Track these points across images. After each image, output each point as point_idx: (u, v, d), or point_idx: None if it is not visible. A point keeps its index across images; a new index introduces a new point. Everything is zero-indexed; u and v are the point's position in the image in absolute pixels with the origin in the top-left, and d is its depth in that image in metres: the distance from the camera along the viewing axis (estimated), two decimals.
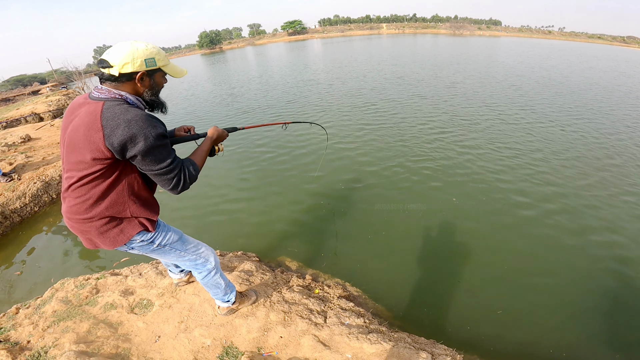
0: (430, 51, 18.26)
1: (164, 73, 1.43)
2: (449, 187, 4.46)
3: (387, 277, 3.00)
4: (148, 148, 1.26)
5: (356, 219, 3.89)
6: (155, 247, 1.60)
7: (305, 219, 3.98)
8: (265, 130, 7.12)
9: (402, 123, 7.35)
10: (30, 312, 2.44)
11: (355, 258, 3.26)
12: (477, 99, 9.33)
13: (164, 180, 1.37)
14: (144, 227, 1.50)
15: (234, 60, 30.79)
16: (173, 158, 1.37)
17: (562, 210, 3.92)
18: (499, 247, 3.34)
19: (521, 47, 29.00)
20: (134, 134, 1.22)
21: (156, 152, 1.30)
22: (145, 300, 2.34)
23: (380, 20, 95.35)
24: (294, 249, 3.42)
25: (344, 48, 31.55)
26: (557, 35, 78.78)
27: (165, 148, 1.34)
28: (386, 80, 11.97)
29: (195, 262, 1.78)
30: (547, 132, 6.54)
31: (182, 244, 1.72)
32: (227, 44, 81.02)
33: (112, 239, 1.43)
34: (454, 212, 3.91)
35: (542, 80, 11.86)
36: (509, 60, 18.34)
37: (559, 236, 3.46)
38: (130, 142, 1.24)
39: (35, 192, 4.87)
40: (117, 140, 1.22)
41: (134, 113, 1.25)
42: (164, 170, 1.34)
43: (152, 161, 1.31)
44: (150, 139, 1.25)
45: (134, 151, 1.25)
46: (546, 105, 8.54)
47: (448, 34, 64.63)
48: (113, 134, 1.21)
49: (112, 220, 1.41)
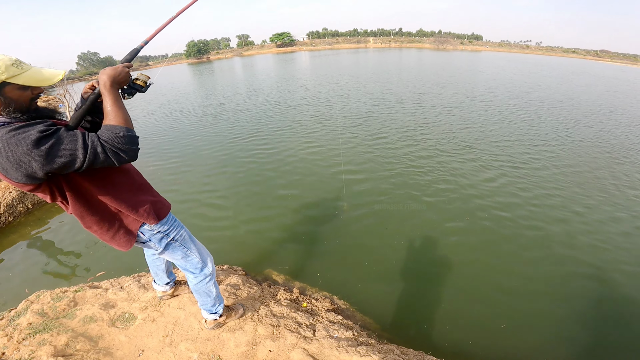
0: (415, 74, 18.66)
1: (17, 86, 1.12)
2: (432, 204, 4.48)
3: (374, 290, 3.00)
4: (41, 162, 1.07)
5: (341, 233, 3.87)
6: (170, 240, 1.61)
7: (291, 234, 3.94)
8: (252, 144, 7.04)
9: (394, 146, 7.45)
10: (4, 324, 2.31)
11: (341, 271, 3.25)
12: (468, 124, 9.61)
13: (102, 163, 1.17)
14: (144, 218, 1.47)
15: (221, 71, 30.66)
16: (80, 142, 1.12)
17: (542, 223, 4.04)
18: (486, 260, 3.40)
19: (503, 63, 30.06)
20: (13, 162, 1.06)
21: (56, 156, 1.08)
22: (128, 314, 2.25)
23: (367, 34, 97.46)
24: (280, 263, 3.39)
25: (332, 62, 31.85)
26: (534, 49, 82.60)
27: (58, 145, 1.09)
28: (371, 104, 11.94)
29: (197, 264, 1.76)
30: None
31: (191, 242, 1.73)
32: (214, 54, 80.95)
33: (122, 241, 1.45)
34: (439, 228, 3.95)
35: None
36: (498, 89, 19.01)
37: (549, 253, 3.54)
38: (24, 169, 1.07)
39: (10, 202, 4.67)
40: (13, 173, 1.09)
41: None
42: (88, 159, 1.13)
43: (65, 164, 1.11)
44: (33, 152, 1.05)
45: (37, 172, 1.09)
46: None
47: (432, 49, 66.78)
48: (5, 170, 1.09)
49: (111, 224, 1.42)
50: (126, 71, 1.31)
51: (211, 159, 6.43)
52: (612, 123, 8.79)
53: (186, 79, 25.03)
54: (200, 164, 6.20)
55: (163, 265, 2.15)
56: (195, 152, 6.90)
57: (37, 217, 4.74)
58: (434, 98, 11.26)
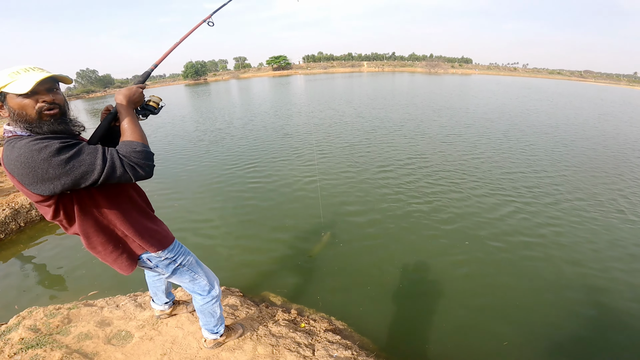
0: (410, 99, 18.96)
1: (14, 95, 1.12)
2: (431, 230, 4.49)
3: (373, 311, 3.01)
4: (62, 170, 1.10)
5: (339, 258, 3.87)
6: (177, 266, 1.62)
7: (287, 259, 3.93)
8: (248, 173, 6.81)
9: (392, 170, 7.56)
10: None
11: (340, 294, 3.25)
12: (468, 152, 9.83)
13: (118, 178, 1.19)
14: (150, 246, 1.48)
15: (218, 94, 30.89)
16: (100, 155, 1.16)
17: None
18: (487, 281, 3.43)
19: (494, 87, 30.52)
20: (32, 168, 1.08)
21: (74, 166, 1.12)
22: (124, 332, 2.23)
23: (361, 58, 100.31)
24: (278, 286, 3.38)
25: (327, 86, 32.17)
26: (521, 72, 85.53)
27: (77, 156, 1.12)
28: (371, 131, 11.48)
29: (204, 286, 1.78)
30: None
31: (198, 266, 1.75)
32: (212, 76, 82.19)
33: (125, 265, 1.45)
34: (436, 249, 3.98)
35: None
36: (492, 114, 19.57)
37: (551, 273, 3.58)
38: (39, 178, 1.10)
39: (2, 219, 4.61)
40: (28, 181, 1.11)
41: (18, 147, 1.11)
42: (105, 172, 1.15)
43: (82, 175, 1.13)
44: (54, 162, 1.08)
45: (55, 182, 1.11)
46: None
47: (424, 72, 68.36)
48: (22, 177, 1.11)
49: (116, 247, 1.41)
50: (140, 92, 1.40)
51: (205, 187, 6.25)
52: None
53: (182, 101, 25.17)
54: (195, 192, 6.04)
55: (163, 287, 2.16)
56: (189, 180, 6.70)
57: (29, 236, 4.68)
58: (430, 125, 11.34)
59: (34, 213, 5.00)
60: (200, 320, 1.96)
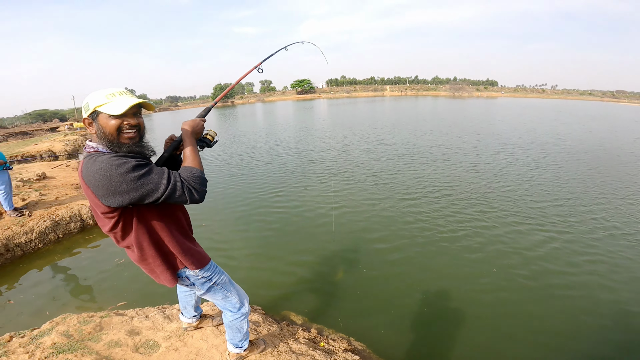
0: (435, 124, 18.49)
1: (106, 115, 1.29)
2: (459, 258, 4.36)
3: (392, 334, 2.98)
4: (132, 186, 1.24)
5: (361, 279, 3.87)
6: (212, 284, 1.71)
7: (308, 279, 3.97)
8: (273, 199, 6.79)
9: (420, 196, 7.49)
10: (26, 342, 2.39)
11: (359, 316, 3.24)
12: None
13: (176, 198, 1.32)
14: (202, 261, 1.61)
15: (244, 117, 31.92)
16: (166, 177, 1.30)
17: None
18: (515, 309, 3.32)
19: (521, 110, 29.54)
20: (107, 181, 1.22)
21: (143, 184, 1.26)
22: (152, 341, 2.31)
23: (384, 82, 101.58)
24: (299, 306, 3.41)
25: (350, 111, 32.15)
26: (550, 93, 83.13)
27: (148, 174, 1.27)
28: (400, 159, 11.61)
29: (235, 304, 1.85)
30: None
31: (230, 285, 1.83)
32: (239, 98, 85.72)
33: (169, 279, 1.55)
34: (461, 276, 3.89)
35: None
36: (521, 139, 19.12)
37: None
38: (113, 191, 1.23)
39: (43, 230, 4.95)
40: (102, 192, 1.24)
41: (99, 163, 1.24)
42: (168, 193, 1.29)
43: (149, 192, 1.27)
44: (128, 176, 1.23)
45: (125, 196, 1.25)
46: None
47: (448, 96, 67.69)
48: (97, 188, 1.24)
49: (163, 261, 1.52)
50: (202, 124, 1.62)
51: (231, 210, 6.30)
52: None
53: (210, 124, 26.13)
54: (220, 215, 6.12)
55: (193, 301, 2.26)
56: (215, 202, 6.77)
57: (65, 247, 4.97)
58: (456, 152, 10.99)
59: (72, 226, 5.33)
60: (227, 334, 2.02)
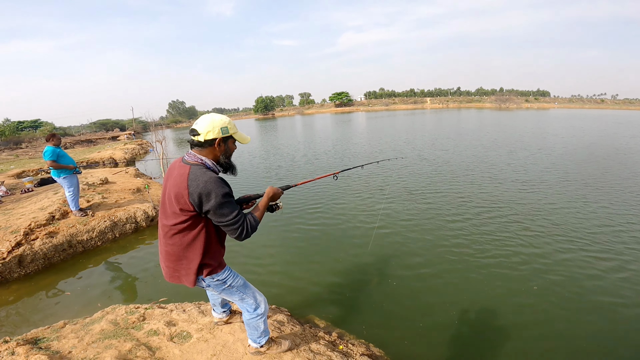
0: (479, 138, 17.30)
1: (234, 140, 1.81)
2: (497, 275, 4.20)
3: (416, 347, 2.99)
4: (218, 204, 1.61)
5: (391, 293, 3.88)
6: (226, 287, 1.94)
7: (339, 286, 4.07)
8: (310, 213, 6.81)
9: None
10: (78, 328, 2.76)
11: (383, 326, 3.27)
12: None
13: (230, 230, 1.70)
14: (216, 268, 1.85)
15: (284, 129, 32.75)
16: (237, 212, 1.69)
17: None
18: (551, 337, 3.18)
19: (578, 123, 26.60)
20: (207, 191, 1.59)
21: (224, 207, 1.63)
22: (185, 332, 2.58)
23: (424, 94, 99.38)
24: (324, 311, 3.53)
25: (388, 124, 31.55)
26: (610, 103, 75.98)
27: (230, 204, 1.67)
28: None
29: (251, 305, 2.06)
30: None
31: (245, 288, 2.04)
32: (279, 111, 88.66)
33: (192, 279, 1.79)
34: (495, 297, 3.75)
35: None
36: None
37: None
38: (206, 199, 1.59)
39: (103, 229, 5.57)
40: (196, 197, 1.59)
41: (208, 176, 1.62)
42: (230, 222, 1.67)
43: (221, 214, 1.64)
44: (219, 197, 1.60)
45: (207, 206, 1.61)
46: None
47: (494, 108, 64.32)
48: (194, 192, 1.59)
49: (196, 263, 1.77)
50: (280, 194, 2.02)
51: (268, 220, 6.35)
52: None
53: (252, 135, 27.43)
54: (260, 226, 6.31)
55: (220, 298, 2.52)
56: None
57: (120, 245, 5.54)
58: (503, 168, 10.21)
59: (128, 227, 5.94)
60: (246, 330, 2.23)
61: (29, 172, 11.45)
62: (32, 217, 5.39)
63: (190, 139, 1.75)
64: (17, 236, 4.75)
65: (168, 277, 1.85)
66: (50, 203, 6.11)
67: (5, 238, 4.73)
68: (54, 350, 2.41)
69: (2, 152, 21.47)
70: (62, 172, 5.39)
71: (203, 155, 1.72)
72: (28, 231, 4.93)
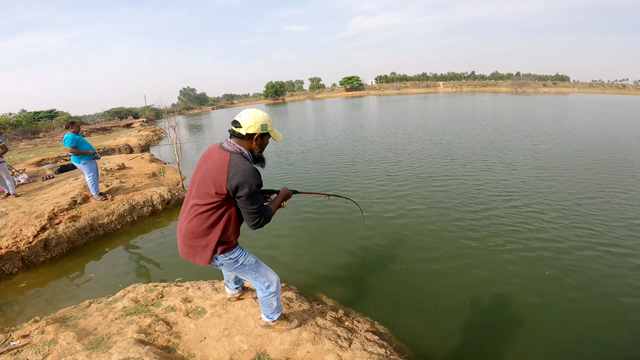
0: (496, 123, 16.56)
1: (269, 136, 1.98)
2: (513, 262, 4.21)
3: (421, 328, 3.07)
4: (250, 193, 1.77)
5: (399, 275, 3.96)
6: (239, 266, 2.07)
7: (344, 265, 4.22)
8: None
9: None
10: (102, 307, 2.99)
11: (389, 307, 3.38)
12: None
13: (251, 217, 1.87)
14: (230, 247, 1.99)
15: (294, 114, 32.70)
16: (261, 204, 1.88)
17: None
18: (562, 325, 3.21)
19: (603, 108, 25.59)
20: (245, 180, 1.75)
21: (254, 197, 1.81)
22: (200, 308, 2.77)
23: (436, 78, 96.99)
24: (332, 291, 3.67)
25: (400, 109, 30.79)
26: (632, 89, 72.53)
27: (259, 195, 1.85)
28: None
29: (263, 283, 2.20)
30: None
31: (257, 266, 2.17)
32: (289, 96, 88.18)
33: (208, 256, 1.93)
34: (501, 278, 3.80)
35: None
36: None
37: None
38: (241, 186, 1.75)
39: (122, 213, 5.83)
40: (234, 183, 1.75)
41: (247, 166, 1.79)
42: (254, 211, 1.85)
43: (250, 203, 1.81)
44: (253, 187, 1.77)
45: (241, 193, 1.77)
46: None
47: (510, 92, 62.54)
48: (233, 178, 1.75)
49: (214, 242, 1.91)
50: (291, 195, 2.25)
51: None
52: None
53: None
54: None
55: (233, 275, 2.67)
56: None
57: (139, 228, 5.80)
58: (520, 154, 9.84)
59: (145, 210, 6.19)
60: (260, 307, 2.39)
61: (49, 159, 11.87)
62: (55, 202, 5.67)
63: (231, 129, 1.89)
64: (42, 220, 5.02)
65: (183, 254, 2.00)
66: (71, 188, 6.40)
67: (30, 223, 5.01)
68: (81, 327, 2.62)
69: (21, 142, 22.16)
70: (82, 158, 5.62)
71: (242, 145, 1.89)
72: (52, 215, 5.21)
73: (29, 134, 26.31)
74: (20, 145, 20.49)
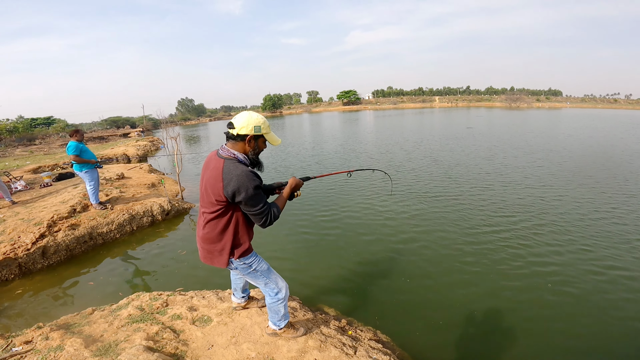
0: (491, 139, 17.02)
1: (264, 139, 1.97)
2: (491, 268, 4.36)
3: (425, 339, 3.10)
4: (248, 196, 1.79)
5: (396, 284, 4.01)
6: (251, 271, 2.12)
7: (344, 278, 4.23)
8: (315, 215, 7.21)
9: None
10: (106, 314, 2.98)
11: (391, 316, 3.42)
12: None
13: (257, 218, 1.90)
14: (245, 252, 2.04)
15: (291, 127, 32.74)
16: (264, 203, 1.89)
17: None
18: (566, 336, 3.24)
19: (595, 123, 25.89)
20: (240, 185, 1.76)
21: (254, 199, 1.82)
22: (206, 317, 2.78)
23: (432, 92, 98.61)
24: (334, 302, 3.69)
25: (397, 123, 30.95)
26: (623, 103, 74.53)
27: (259, 196, 1.87)
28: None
29: (273, 289, 2.24)
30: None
31: (269, 273, 2.22)
32: (286, 109, 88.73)
33: (224, 260, 2.00)
34: (512, 298, 3.78)
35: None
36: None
37: None
38: (238, 191, 1.77)
39: (121, 222, 5.82)
40: (230, 190, 1.78)
41: (240, 170, 1.80)
42: (258, 212, 1.87)
43: (251, 205, 1.84)
44: (250, 190, 1.79)
45: (239, 197, 1.79)
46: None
47: (504, 107, 63.45)
48: (228, 185, 1.78)
49: (229, 246, 1.97)
50: (301, 184, 2.20)
51: (281, 219, 6.15)
52: None
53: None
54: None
55: (242, 284, 2.71)
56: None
57: (138, 238, 5.79)
58: (514, 171, 9.82)
59: (145, 220, 6.19)
60: (268, 313, 2.42)
61: (45, 167, 11.83)
62: (54, 210, 5.66)
63: (226, 131, 1.92)
64: (41, 228, 5.01)
65: (202, 258, 2.07)
66: (71, 197, 6.39)
67: (29, 230, 4.99)
68: (87, 334, 2.61)
69: (17, 149, 22.09)
70: (84, 167, 5.65)
71: (235, 149, 1.89)
72: (51, 223, 5.20)
73: (25, 141, 26.21)
74: (16, 151, 20.39)
